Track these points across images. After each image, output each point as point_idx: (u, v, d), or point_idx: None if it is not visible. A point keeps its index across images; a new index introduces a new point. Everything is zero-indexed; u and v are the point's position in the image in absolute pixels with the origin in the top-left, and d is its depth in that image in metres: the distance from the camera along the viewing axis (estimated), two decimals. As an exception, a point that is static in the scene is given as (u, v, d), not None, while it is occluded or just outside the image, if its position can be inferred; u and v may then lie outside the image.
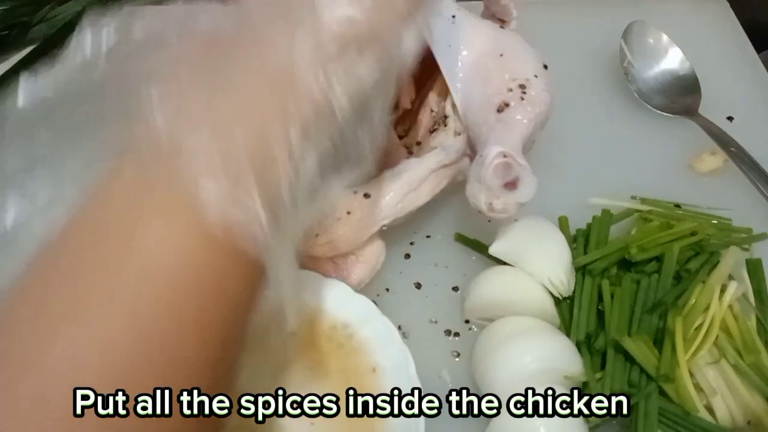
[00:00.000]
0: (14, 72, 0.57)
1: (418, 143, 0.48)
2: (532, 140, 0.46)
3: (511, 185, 0.41)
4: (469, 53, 0.47)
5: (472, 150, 0.46)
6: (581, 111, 0.61)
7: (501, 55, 0.47)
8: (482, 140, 0.43)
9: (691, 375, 0.41)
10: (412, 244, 0.52)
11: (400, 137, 0.49)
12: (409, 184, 0.45)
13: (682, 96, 0.60)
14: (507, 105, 0.45)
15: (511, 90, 0.45)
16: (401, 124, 0.51)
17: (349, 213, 0.44)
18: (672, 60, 0.62)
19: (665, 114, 0.60)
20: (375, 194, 0.44)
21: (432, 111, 0.49)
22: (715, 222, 0.50)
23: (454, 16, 0.48)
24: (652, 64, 0.62)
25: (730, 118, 0.60)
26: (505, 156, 0.40)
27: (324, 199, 0.30)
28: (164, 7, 0.31)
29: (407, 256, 0.52)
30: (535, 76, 0.46)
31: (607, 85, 0.63)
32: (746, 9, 0.69)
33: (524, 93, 0.45)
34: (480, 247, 0.50)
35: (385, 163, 0.46)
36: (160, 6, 0.31)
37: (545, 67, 0.48)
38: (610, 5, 0.68)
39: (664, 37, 0.62)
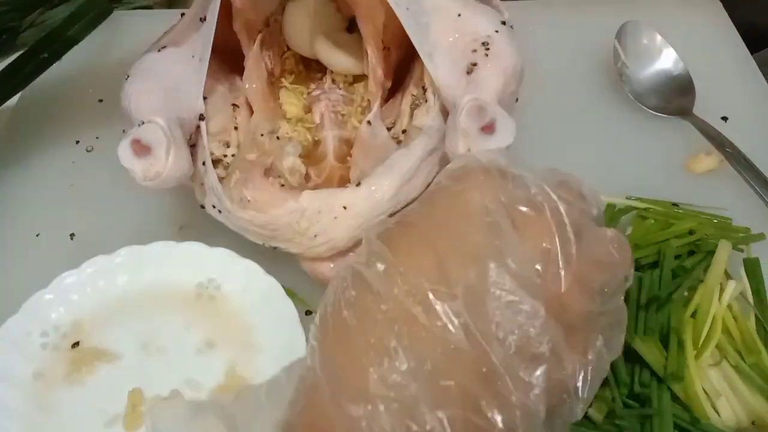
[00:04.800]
0: (3, 78, 0.57)
1: (404, 131, 0.48)
2: (510, 93, 0.46)
3: (488, 129, 0.40)
4: (430, 18, 0.47)
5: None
6: (575, 112, 0.61)
7: (459, 15, 0.47)
8: (457, 102, 0.43)
9: (695, 377, 0.41)
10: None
11: (388, 129, 0.49)
12: (401, 177, 0.44)
13: (676, 96, 0.60)
14: (475, 65, 0.45)
15: (475, 50, 0.46)
16: (388, 116, 0.50)
17: (345, 208, 0.43)
18: (666, 60, 0.61)
19: (660, 114, 0.59)
20: (370, 189, 0.44)
21: (412, 95, 0.49)
22: (715, 221, 0.49)
23: None
24: (647, 64, 0.62)
25: (724, 119, 0.59)
26: (476, 100, 0.40)
27: None
28: None
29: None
30: (496, 32, 0.47)
31: (601, 85, 0.63)
32: (739, 10, 0.69)
33: (488, 50, 0.45)
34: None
35: (377, 158, 0.46)
36: None
37: (503, 23, 0.48)
38: (604, 6, 0.68)
39: (658, 38, 0.62)
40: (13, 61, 0.57)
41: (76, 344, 0.45)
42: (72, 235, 0.53)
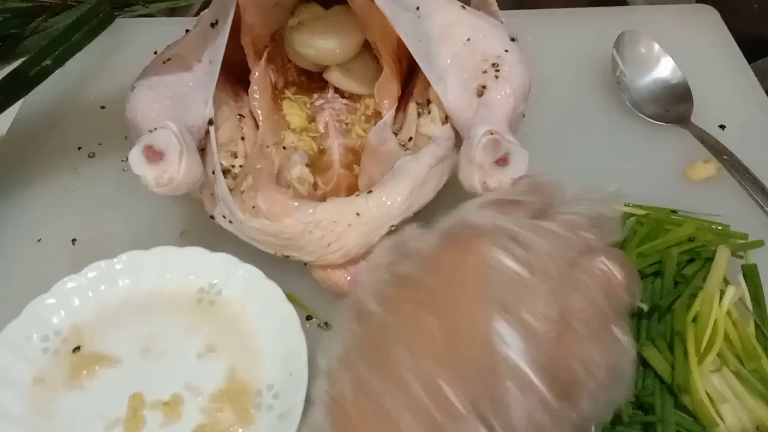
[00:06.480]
0: (5, 85, 0.57)
1: (410, 139, 0.49)
2: (519, 114, 0.46)
3: (503, 162, 0.41)
4: (440, 45, 0.47)
5: (461, 139, 0.46)
6: (574, 120, 0.61)
7: (468, 39, 0.47)
8: (469, 126, 0.44)
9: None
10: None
11: (395, 134, 0.49)
12: (412, 183, 0.45)
13: (674, 105, 0.61)
14: (485, 87, 0.45)
15: (485, 72, 0.46)
16: (393, 123, 0.50)
17: (358, 215, 0.43)
18: (664, 69, 0.62)
19: (658, 123, 0.60)
20: (382, 196, 0.44)
21: (417, 103, 0.49)
22: (714, 227, 0.49)
23: (417, 8, 0.48)
24: (644, 73, 0.62)
25: (722, 127, 0.60)
26: (492, 133, 0.40)
27: None
28: None
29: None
30: (506, 51, 0.47)
31: (599, 94, 0.63)
32: (736, 19, 0.70)
33: (498, 71, 0.46)
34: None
35: (386, 165, 0.46)
36: None
37: (513, 39, 0.48)
38: (602, 15, 0.69)
39: (656, 47, 0.63)
40: (15, 68, 0.57)
41: (77, 349, 0.45)
42: (73, 241, 0.54)
